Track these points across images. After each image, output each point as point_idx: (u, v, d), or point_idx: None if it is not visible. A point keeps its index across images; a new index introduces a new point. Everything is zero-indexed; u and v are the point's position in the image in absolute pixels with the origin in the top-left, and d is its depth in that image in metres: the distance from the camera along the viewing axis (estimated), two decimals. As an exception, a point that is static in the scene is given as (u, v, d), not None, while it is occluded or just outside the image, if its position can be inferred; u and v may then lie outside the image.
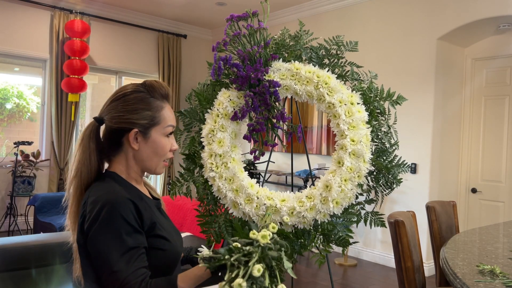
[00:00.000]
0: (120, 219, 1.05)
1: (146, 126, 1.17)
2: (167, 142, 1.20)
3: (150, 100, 1.18)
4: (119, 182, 1.17)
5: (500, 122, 4.42)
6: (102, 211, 1.05)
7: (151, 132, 1.17)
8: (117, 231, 1.04)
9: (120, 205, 1.07)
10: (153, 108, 1.18)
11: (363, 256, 4.96)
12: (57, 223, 4.36)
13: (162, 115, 1.19)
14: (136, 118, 1.16)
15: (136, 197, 1.15)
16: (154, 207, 1.22)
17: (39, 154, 5.30)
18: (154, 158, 1.19)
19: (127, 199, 1.09)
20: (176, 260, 1.21)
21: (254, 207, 1.84)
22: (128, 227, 1.05)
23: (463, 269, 1.60)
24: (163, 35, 6.62)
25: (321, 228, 1.84)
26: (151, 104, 1.18)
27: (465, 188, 4.68)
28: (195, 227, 2.93)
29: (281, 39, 2.01)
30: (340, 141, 1.83)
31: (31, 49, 5.58)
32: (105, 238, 1.04)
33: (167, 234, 1.18)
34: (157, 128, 1.18)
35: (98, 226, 1.05)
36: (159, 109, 1.19)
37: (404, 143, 3.29)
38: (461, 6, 4.19)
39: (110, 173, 1.19)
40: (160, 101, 1.20)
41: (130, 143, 1.17)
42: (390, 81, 3.47)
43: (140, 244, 1.07)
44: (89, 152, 1.17)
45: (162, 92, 1.21)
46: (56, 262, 2.35)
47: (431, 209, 2.51)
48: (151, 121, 1.17)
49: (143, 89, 1.19)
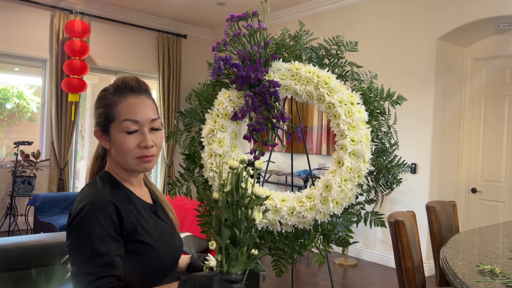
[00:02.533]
0: (96, 222, 1.03)
1: (102, 124, 1.14)
2: (126, 138, 1.12)
3: (107, 97, 1.15)
4: (108, 183, 1.15)
5: (500, 122, 4.42)
6: (82, 212, 1.04)
7: (110, 129, 1.14)
8: (90, 234, 1.02)
9: (99, 208, 1.05)
10: (106, 105, 1.14)
11: (363, 256, 4.96)
12: (57, 223, 4.36)
13: (116, 111, 1.13)
14: (96, 117, 1.16)
15: (122, 200, 1.12)
16: (144, 211, 1.18)
17: (39, 154, 5.30)
18: (120, 156, 1.14)
19: (109, 202, 1.07)
20: (161, 267, 1.15)
21: (254, 207, 1.84)
22: (103, 231, 1.03)
23: (463, 269, 1.60)
24: (163, 35, 6.62)
25: (321, 228, 1.84)
26: (106, 101, 1.15)
27: (465, 188, 4.68)
28: (195, 227, 2.93)
29: (281, 39, 2.01)
30: (340, 141, 1.83)
31: (31, 49, 5.58)
32: (77, 239, 1.02)
33: (151, 240, 1.12)
34: (114, 125, 1.13)
35: (74, 226, 1.04)
36: (113, 105, 1.13)
37: (404, 143, 3.30)
38: (461, 6, 4.19)
39: (104, 173, 1.19)
40: (118, 96, 1.14)
41: (101, 142, 1.18)
42: (390, 81, 3.47)
43: (112, 251, 1.03)
44: (97, 150, 1.26)
45: (121, 87, 1.15)
46: (56, 262, 2.35)
47: (431, 209, 2.51)
48: (105, 118, 1.14)
49: (107, 87, 1.18)
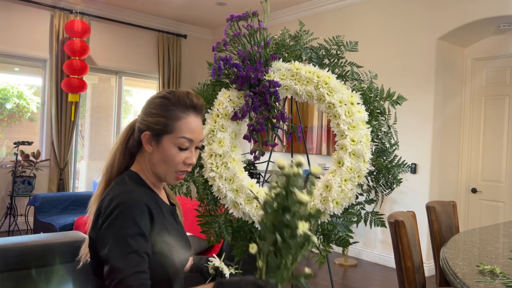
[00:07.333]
0: (130, 221, 1.07)
1: (158, 132, 1.18)
2: (177, 153, 1.18)
3: (170, 108, 1.19)
4: (137, 183, 1.20)
5: (500, 122, 4.42)
6: (116, 210, 1.08)
7: (163, 139, 1.18)
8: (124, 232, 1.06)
9: (133, 207, 1.10)
10: (169, 116, 1.18)
11: (363, 256, 4.96)
12: (57, 223, 4.36)
13: (177, 125, 1.18)
14: (151, 122, 1.19)
15: (152, 201, 1.17)
16: (168, 214, 1.24)
17: (39, 154, 5.30)
18: (162, 165, 1.20)
19: (143, 203, 1.12)
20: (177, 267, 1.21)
21: (254, 207, 1.84)
22: (136, 229, 1.07)
23: (463, 269, 1.60)
24: (163, 35, 6.62)
25: (321, 228, 1.84)
26: (168, 112, 1.19)
27: (465, 188, 4.68)
28: (195, 227, 2.93)
29: (281, 39, 2.01)
30: (340, 141, 1.83)
31: (31, 49, 5.58)
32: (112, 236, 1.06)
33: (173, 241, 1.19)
34: (169, 136, 1.18)
35: (108, 224, 1.08)
36: (176, 119, 1.18)
37: (404, 143, 3.29)
38: (461, 6, 4.19)
39: (132, 172, 1.23)
40: (181, 112, 1.19)
41: (145, 144, 1.20)
42: (390, 81, 3.47)
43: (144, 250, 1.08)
44: (123, 147, 1.26)
45: (186, 103, 1.20)
46: (56, 262, 2.35)
47: (431, 209, 2.51)
48: (163, 128, 1.18)
49: (169, 96, 1.21)
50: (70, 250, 2.49)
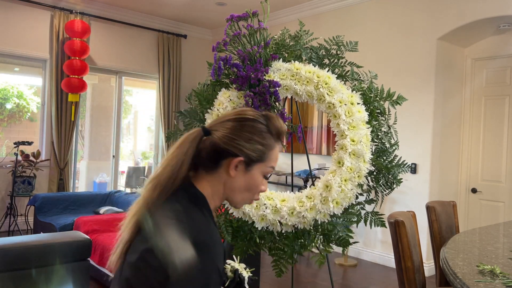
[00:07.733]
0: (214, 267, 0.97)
1: (252, 159, 1.10)
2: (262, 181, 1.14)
3: (267, 136, 1.13)
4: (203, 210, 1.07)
5: (500, 122, 4.42)
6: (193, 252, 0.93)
7: (254, 166, 1.11)
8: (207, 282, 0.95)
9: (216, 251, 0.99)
10: (266, 144, 1.12)
11: (363, 256, 4.96)
12: (57, 223, 4.36)
13: (270, 154, 1.13)
14: (247, 148, 1.09)
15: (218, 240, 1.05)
16: None
17: (39, 154, 5.30)
18: (244, 192, 1.13)
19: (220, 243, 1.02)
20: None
21: (254, 207, 1.84)
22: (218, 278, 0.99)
23: (463, 269, 1.60)
24: (163, 35, 6.62)
25: (321, 228, 1.84)
26: (266, 140, 1.12)
27: (465, 188, 4.68)
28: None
29: (281, 39, 2.01)
30: (340, 141, 1.83)
31: (31, 49, 5.58)
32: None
33: None
34: (261, 165, 1.12)
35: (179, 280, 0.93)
36: (270, 148, 1.13)
37: (404, 143, 3.29)
38: (461, 6, 4.19)
39: (198, 193, 1.09)
40: (274, 140, 1.14)
41: (228, 168, 1.09)
42: (390, 81, 3.47)
43: None
44: (183, 158, 1.07)
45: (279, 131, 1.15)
46: (56, 262, 2.35)
47: (431, 209, 2.51)
48: (259, 156, 1.11)
49: (263, 121, 1.14)
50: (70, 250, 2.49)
